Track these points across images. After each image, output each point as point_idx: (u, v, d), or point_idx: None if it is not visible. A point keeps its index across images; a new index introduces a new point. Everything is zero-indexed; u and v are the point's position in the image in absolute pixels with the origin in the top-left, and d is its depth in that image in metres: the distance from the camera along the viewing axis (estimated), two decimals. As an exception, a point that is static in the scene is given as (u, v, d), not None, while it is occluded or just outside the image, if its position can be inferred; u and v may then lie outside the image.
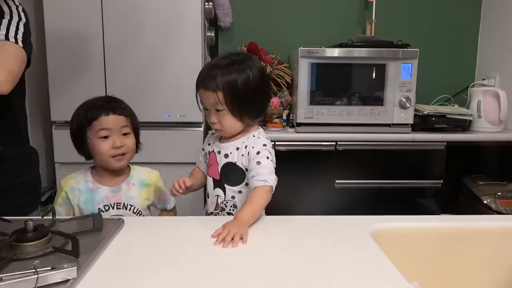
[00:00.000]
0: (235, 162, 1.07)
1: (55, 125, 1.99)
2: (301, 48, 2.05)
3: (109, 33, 1.91)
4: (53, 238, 0.77)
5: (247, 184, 1.07)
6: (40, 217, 0.91)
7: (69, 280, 0.64)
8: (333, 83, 2.14)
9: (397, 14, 2.53)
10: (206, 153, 1.16)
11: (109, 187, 1.14)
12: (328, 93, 2.12)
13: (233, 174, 1.08)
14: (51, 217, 0.88)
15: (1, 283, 0.60)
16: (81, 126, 1.10)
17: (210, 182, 1.13)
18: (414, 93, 2.10)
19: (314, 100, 2.09)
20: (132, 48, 1.93)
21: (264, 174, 1.00)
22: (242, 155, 1.06)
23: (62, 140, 1.98)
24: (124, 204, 1.13)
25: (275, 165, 1.07)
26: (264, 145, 1.06)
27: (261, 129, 1.13)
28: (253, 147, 1.05)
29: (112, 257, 0.76)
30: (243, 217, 0.91)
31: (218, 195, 1.11)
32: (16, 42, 1.04)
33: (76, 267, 0.65)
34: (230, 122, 1.05)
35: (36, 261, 0.70)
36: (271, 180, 1.00)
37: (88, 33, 1.91)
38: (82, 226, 0.86)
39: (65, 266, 0.65)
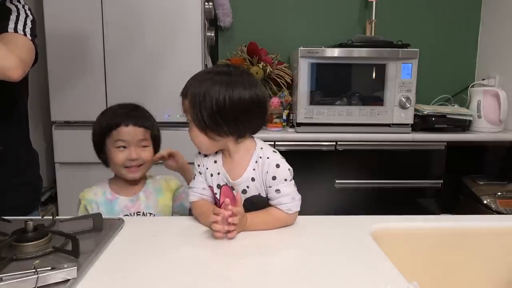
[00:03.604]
0: (259, 193, 0.94)
1: (55, 125, 1.99)
2: (301, 48, 2.05)
3: (109, 33, 1.92)
4: (53, 238, 0.77)
5: None
6: (40, 217, 0.91)
7: (69, 280, 0.64)
8: (333, 83, 2.14)
9: (397, 14, 2.53)
10: (211, 185, 0.99)
11: (127, 197, 1.14)
12: (328, 93, 2.12)
13: (257, 205, 0.95)
14: (51, 217, 0.88)
15: (1, 283, 0.60)
16: (101, 134, 1.11)
17: None
18: (414, 93, 2.10)
19: (314, 100, 2.09)
20: (132, 48, 1.93)
21: (287, 203, 0.91)
22: (261, 184, 0.94)
23: (62, 140, 1.99)
24: (143, 212, 1.14)
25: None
26: (277, 165, 0.91)
27: (258, 142, 0.97)
28: (267, 172, 0.91)
29: (112, 257, 0.76)
30: (251, 226, 0.87)
31: None
32: (25, 35, 1.05)
33: (76, 267, 0.65)
34: (196, 136, 0.93)
35: (36, 261, 0.70)
36: (295, 206, 0.92)
37: (88, 33, 1.91)
38: (82, 226, 0.86)
39: (65, 266, 0.65)
